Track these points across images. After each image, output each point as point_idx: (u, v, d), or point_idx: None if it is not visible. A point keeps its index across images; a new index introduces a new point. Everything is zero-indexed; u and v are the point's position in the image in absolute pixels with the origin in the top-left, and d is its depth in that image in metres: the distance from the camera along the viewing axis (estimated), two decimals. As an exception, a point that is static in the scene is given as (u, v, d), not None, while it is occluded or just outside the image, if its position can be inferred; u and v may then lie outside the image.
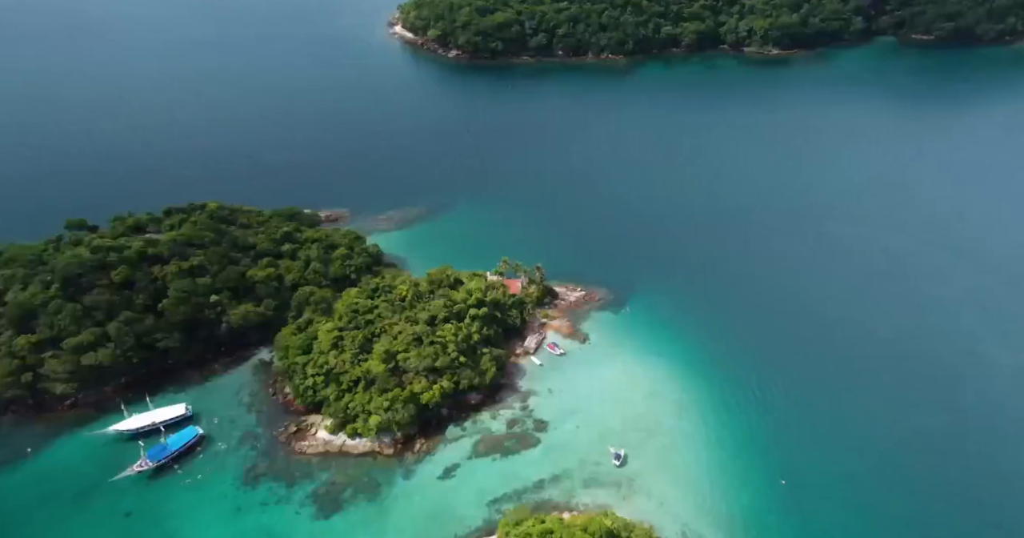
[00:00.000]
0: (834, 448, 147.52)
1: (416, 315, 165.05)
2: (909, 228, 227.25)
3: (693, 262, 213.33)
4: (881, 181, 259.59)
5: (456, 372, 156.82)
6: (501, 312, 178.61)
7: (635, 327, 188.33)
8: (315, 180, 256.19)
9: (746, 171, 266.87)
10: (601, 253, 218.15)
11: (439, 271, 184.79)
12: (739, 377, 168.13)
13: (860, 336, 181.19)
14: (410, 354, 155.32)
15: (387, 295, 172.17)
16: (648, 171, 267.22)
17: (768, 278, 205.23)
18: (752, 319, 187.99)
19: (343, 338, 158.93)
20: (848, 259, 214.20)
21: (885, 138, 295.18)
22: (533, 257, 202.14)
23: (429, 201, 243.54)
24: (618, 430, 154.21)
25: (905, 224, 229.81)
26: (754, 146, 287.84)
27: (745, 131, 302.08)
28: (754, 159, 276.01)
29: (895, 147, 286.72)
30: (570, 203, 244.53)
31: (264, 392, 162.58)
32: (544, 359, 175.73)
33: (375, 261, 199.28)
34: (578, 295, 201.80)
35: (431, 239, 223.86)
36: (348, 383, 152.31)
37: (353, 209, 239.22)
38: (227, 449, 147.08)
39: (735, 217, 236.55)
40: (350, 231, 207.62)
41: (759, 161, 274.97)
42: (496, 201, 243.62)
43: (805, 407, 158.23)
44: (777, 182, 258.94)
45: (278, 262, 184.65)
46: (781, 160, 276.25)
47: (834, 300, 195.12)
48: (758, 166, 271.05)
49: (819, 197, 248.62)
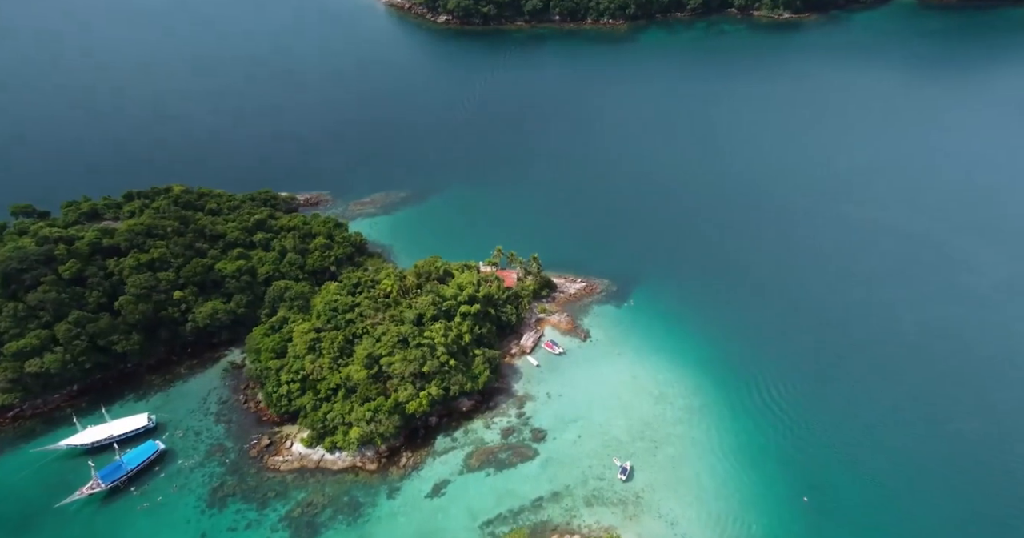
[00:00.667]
0: (861, 459, 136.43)
1: (401, 314, 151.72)
2: (935, 210, 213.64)
3: (702, 249, 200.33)
4: (902, 158, 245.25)
5: (446, 377, 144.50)
6: (495, 308, 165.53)
7: (640, 322, 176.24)
8: (293, 160, 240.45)
9: (756, 147, 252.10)
10: (603, 240, 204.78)
11: (427, 263, 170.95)
12: (754, 377, 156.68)
13: (886, 331, 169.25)
14: (395, 358, 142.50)
15: (370, 291, 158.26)
16: (652, 149, 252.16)
17: (784, 266, 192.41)
18: (766, 312, 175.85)
19: (321, 340, 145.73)
20: (869, 245, 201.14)
21: (905, 110, 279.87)
22: (529, 245, 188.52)
23: (417, 183, 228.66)
24: (623, 440, 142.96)
25: (930, 206, 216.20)
26: (764, 120, 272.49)
27: (754, 103, 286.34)
28: (765, 134, 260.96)
29: (917, 120, 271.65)
30: (568, 185, 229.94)
31: (234, 399, 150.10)
32: (542, 359, 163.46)
33: (357, 251, 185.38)
34: (578, 287, 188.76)
35: (419, 225, 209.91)
36: (326, 391, 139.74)
37: (334, 192, 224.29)
38: (191, 466, 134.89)
39: (746, 199, 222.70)
40: (330, 217, 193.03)
41: (770, 136, 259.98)
42: (489, 183, 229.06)
43: (827, 412, 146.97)
44: (789, 159, 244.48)
45: (250, 253, 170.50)
46: (793, 135, 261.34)
47: (856, 291, 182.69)
48: (769, 142, 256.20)
49: (835, 176, 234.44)
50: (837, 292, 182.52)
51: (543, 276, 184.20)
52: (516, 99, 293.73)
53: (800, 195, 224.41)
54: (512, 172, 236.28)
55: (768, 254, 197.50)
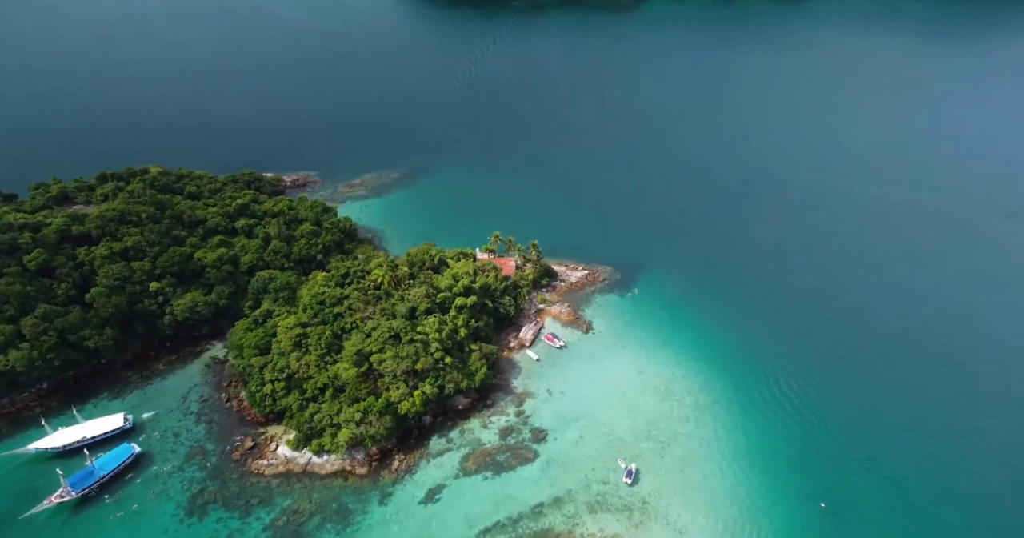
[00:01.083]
0: (881, 459, 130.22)
1: (393, 307, 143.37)
2: (957, 189, 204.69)
3: (711, 233, 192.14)
4: (921, 132, 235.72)
5: (440, 375, 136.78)
6: (492, 300, 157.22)
7: (645, 312, 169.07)
8: (279, 139, 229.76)
9: (768, 123, 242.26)
10: (605, 224, 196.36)
11: (420, 251, 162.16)
12: (766, 371, 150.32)
13: (906, 320, 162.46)
14: (386, 355, 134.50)
15: (359, 282, 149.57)
16: (658, 126, 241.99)
17: (798, 251, 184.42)
18: (779, 301, 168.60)
19: (307, 335, 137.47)
20: (887, 228, 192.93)
21: (924, 81, 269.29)
22: (528, 229, 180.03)
23: (410, 163, 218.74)
24: (628, 440, 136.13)
25: (953, 185, 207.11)
26: (775, 93, 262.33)
27: (765, 75, 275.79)
28: (776, 109, 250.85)
29: (935, 91, 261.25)
30: (569, 165, 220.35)
31: (216, 397, 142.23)
32: (542, 353, 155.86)
33: (347, 237, 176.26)
34: (580, 275, 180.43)
35: (412, 208, 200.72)
36: (313, 391, 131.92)
37: (323, 172, 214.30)
38: (170, 470, 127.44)
39: (758, 178, 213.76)
40: (317, 202, 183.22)
41: (782, 111, 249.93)
42: (485, 163, 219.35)
43: (845, 407, 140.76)
44: (803, 135, 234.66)
45: (231, 241, 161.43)
46: (806, 109, 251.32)
47: (875, 277, 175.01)
48: (781, 116, 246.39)
49: (851, 152, 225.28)
50: (856, 279, 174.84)
51: (543, 264, 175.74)
52: (514, 74, 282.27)
53: (815, 174, 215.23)
54: (510, 152, 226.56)
55: (782, 238, 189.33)
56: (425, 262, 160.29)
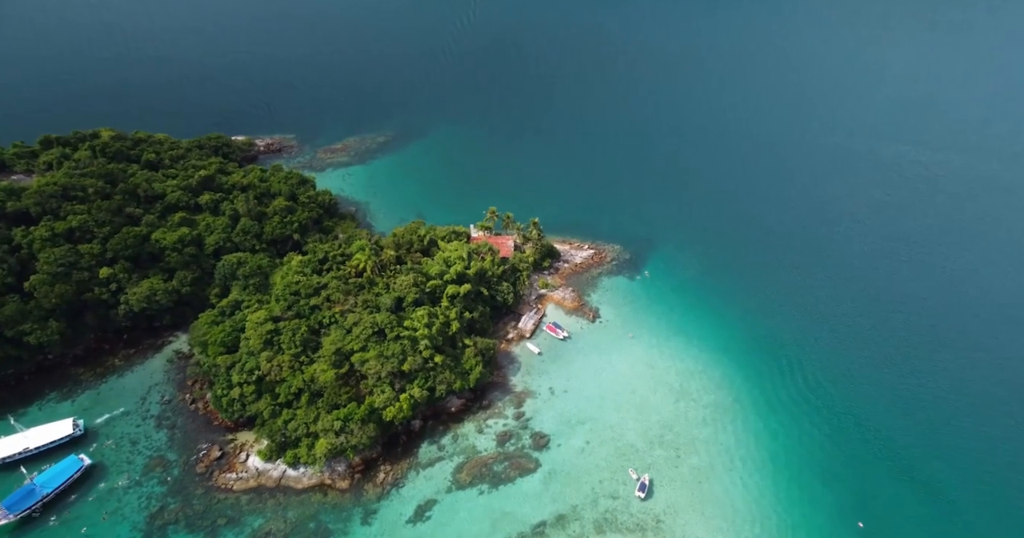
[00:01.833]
0: (925, 468, 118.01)
1: (377, 299, 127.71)
2: (999, 149, 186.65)
3: (728, 205, 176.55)
4: (955, 86, 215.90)
5: (430, 375, 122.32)
6: (488, 286, 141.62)
7: (657, 297, 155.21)
8: (252, 98, 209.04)
9: (787, 79, 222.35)
10: (613, 196, 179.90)
11: (408, 230, 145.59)
12: (793, 365, 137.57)
13: (950, 306, 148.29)
14: (369, 354, 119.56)
15: (339, 268, 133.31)
16: (667, 87, 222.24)
17: (826, 226, 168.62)
18: (806, 284, 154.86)
19: (279, 332, 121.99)
20: (924, 197, 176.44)
21: (963, 26, 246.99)
22: (527, 203, 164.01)
23: (397, 125, 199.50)
24: (640, 447, 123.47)
25: (993, 143, 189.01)
26: (794, 45, 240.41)
27: (785, 24, 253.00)
28: (797, 62, 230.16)
29: (970, 37, 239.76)
30: (573, 130, 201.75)
31: (180, 398, 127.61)
32: (544, 345, 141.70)
33: (326, 212, 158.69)
34: (585, 255, 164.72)
35: (399, 177, 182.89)
36: (287, 395, 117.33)
37: (300, 136, 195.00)
38: (125, 486, 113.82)
39: (779, 141, 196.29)
40: (293, 172, 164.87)
41: (803, 64, 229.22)
42: (481, 126, 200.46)
43: (880, 408, 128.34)
44: (827, 92, 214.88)
45: (195, 219, 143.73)
46: (828, 61, 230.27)
47: (913, 255, 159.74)
48: (802, 71, 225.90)
49: (880, 110, 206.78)
50: (895, 256, 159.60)
51: (545, 243, 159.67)
52: (514, 27, 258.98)
53: (843, 136, 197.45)
54: (508, 114, 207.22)
55: (807, 210, 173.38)
56: (413, 243, 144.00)
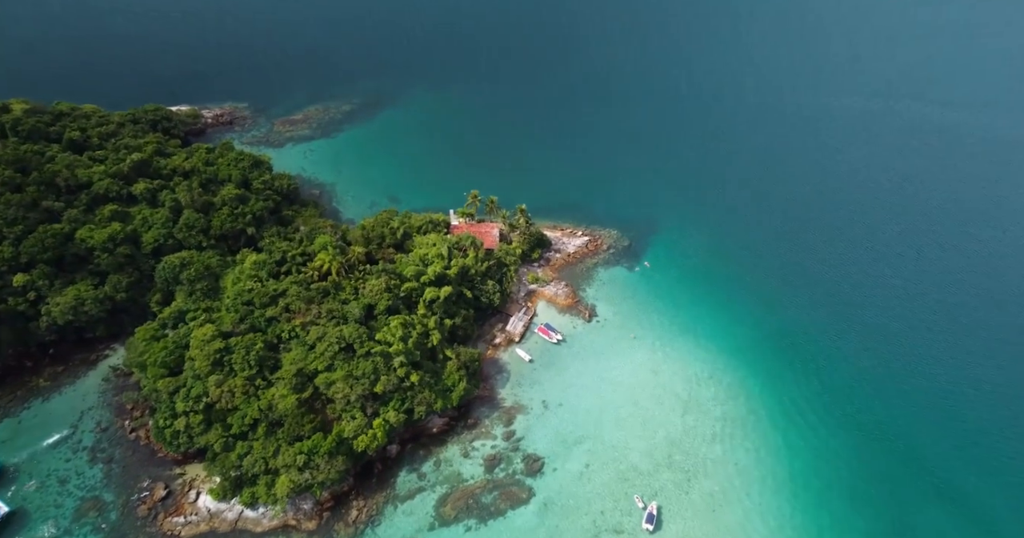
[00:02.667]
0: (971, 490, 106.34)
1: (344, 308, 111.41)
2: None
3: (734, 181, 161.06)
4: (985, 42, 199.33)
5: (407, 396, 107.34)
6: (472, 286, 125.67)
7: (659, 290, 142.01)
8: (198, 62, 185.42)
9: (794, 35, 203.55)
10: (608, 175, 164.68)
11: (379, 221, 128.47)
12: (813, 369, 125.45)
13: (990, 296, 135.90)
14: (336, 375, 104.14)
15: (300, 271, 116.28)
16: (664, 52, 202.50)
17: (847, 204, 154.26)
18: (825, 268, 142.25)
19: (231, 350, 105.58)
20: (956, 168, 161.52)
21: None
22: (513, 183, 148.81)
23: (365, 91, 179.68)
24: (645, 469, 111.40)
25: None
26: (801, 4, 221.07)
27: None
28: (805, 23, 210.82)
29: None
30: (564, 100, 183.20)
31: (118, 425, 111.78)
32: (535, 351, 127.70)
33: (286, 199, 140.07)
34: (579, 243, 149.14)
35: (368, 152, 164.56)
36: (241, 425, 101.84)
37: (255, 105, 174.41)
38: (53, 535, 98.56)
39: (788, 105, 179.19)
40: (244, 154, 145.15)
41: (810, 24, 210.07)
42: (459, 93, 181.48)
43: (914, 418, 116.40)
44: (839, 46, 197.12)
45: (128, 211, 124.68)
46: (847, 21, 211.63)
47: (948, 237, 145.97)
48: (809, 31, 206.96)
49: (902, 69, 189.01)
50: (924, 236, 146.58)
51: (534, 231, 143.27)
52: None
53: (859, 95, 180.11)
54: (490, 80, 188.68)
55: (825, 185, 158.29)
56: (385, 237, 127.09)
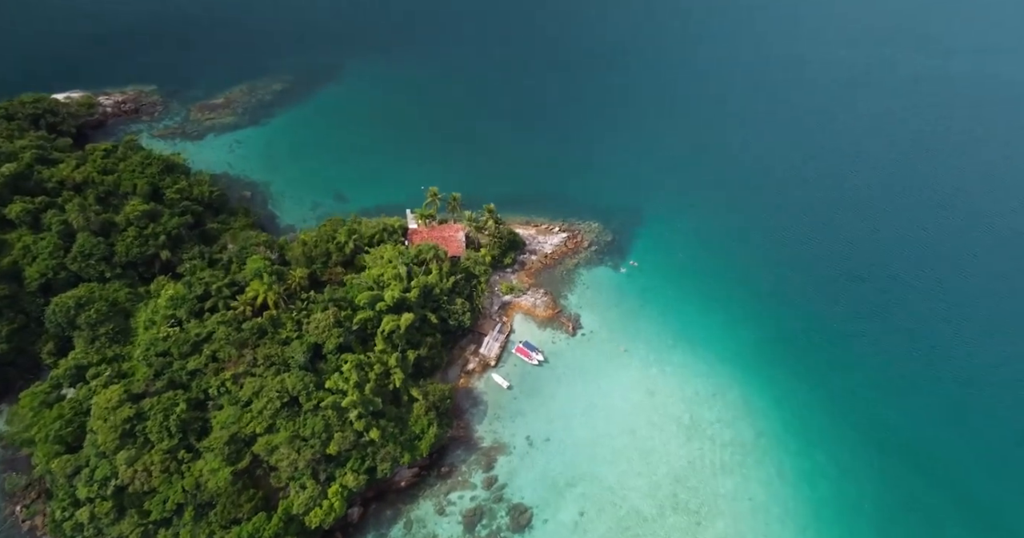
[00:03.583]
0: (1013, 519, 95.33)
1: (285, 350, 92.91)
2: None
3: (724, 158, 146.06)
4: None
5: (367, 455, 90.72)
6: (437, 307, 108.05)
7: (649, 293, 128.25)
8: (90, 35, 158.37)
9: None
10: (585, 159, 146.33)
11: (322, 235, 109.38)
12: (826, 378, 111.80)
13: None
14: (278, 437, 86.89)
15: (229, 306, 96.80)
16: (645, 17, 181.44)
17: (860, 183, 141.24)
18: (834, 257, 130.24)
19: (144, 416, 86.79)
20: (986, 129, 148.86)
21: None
22: (478, 173, 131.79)
23: (297, 66, 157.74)
24: (649, 513, 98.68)
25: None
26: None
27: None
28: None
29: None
30: (529, 70, 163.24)
31: (7, 513, 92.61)
32: (514, 376, 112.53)
33: (210, 208, 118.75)
34: (556, 241, 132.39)
35: (306, 141, 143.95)
36: (162, 511, 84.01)
37: (165, 88, 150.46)
38: None
39: (786, 77, 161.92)
40: (154, 155, 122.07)
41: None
42: (409, 65, 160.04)
43: (949, 438, 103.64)
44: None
45: (4, 240, 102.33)
46: None
47: (982, 218, 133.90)
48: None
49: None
50: (952, 221, 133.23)
51: (504, 231, 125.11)
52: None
53: (862, 47, 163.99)
54: (442, 49, 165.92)
55: (828, 157, 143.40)
56: (331, 254, 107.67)
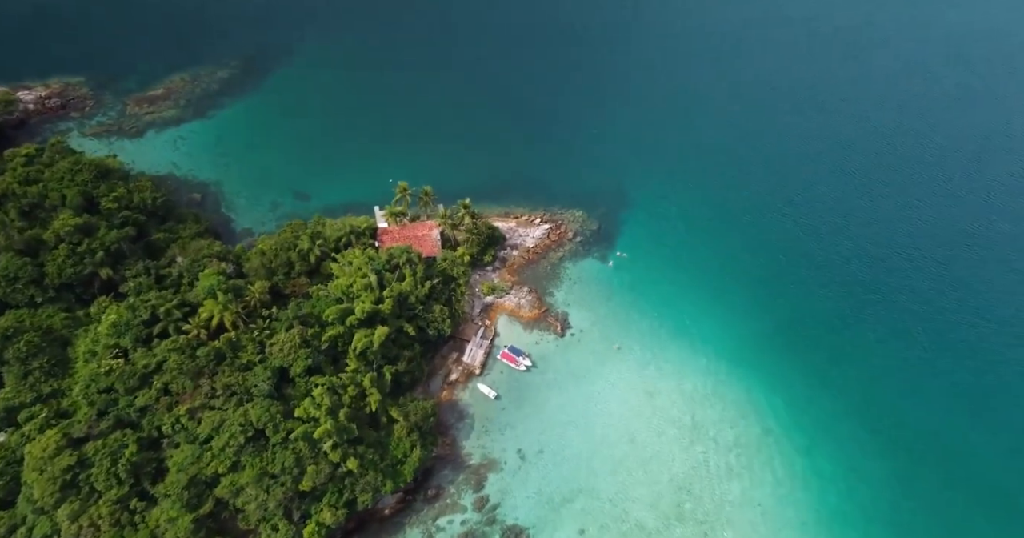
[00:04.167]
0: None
1: (246, 378, 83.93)
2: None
3: (718, 142, 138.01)
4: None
5: (344, 487, 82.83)
6: (414, 316, 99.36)
7: (640, 285, 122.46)
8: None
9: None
10: (562, 141, 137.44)
11: (283, 243, 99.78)
12: (833, 370, 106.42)
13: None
14: (244, 476, 78.70)
15: (180, 329, 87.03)
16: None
17: (858, 136, 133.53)
18: (839, 234, 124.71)
19: (87, 462, 77.51)
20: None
21: None
22: (451, 161, 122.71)
23: (244, 49, 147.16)
24: (653, 526, 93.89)
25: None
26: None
27: None
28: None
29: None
30: (499, 45, 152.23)
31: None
32: (501, 384, 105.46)
33: (155, 216, 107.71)
34: (539, 233, 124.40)
35: (259, 135, 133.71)
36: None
37: (95, 79, 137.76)
38: None
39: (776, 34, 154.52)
40: (85, 160, 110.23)
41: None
42: (367, 43, 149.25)
43: (967, 421, 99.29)
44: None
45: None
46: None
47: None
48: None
49: None
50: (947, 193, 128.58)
51: (481, 225, 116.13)
52: None
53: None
54: (404, 22, 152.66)
55: (825, 132, 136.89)
56: (294, 263, 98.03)
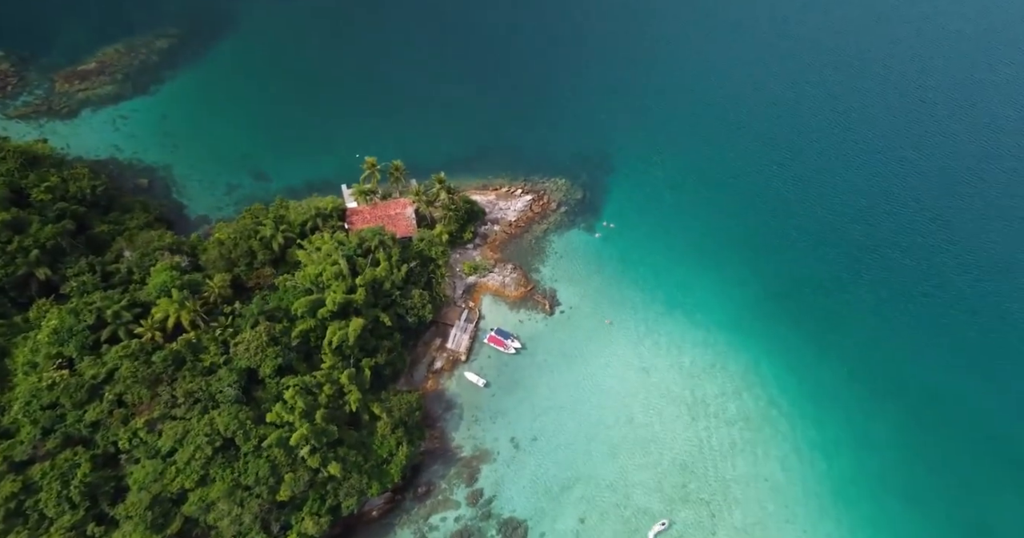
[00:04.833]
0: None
1: (210, 382, 76.99)
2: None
3: (703, 100, 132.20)
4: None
5: (326, 493, 77.17)
6: (391, 303, 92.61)
7: (630, 255, 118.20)
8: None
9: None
10: (539, 102, 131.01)
11: (242, 230, 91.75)
12: (836, 334, 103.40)
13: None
14: (215, 490, 72.59)
15: (131, 332, 79.39)
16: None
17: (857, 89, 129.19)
18: (830, 201, 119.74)
19: (34, 487, 70.63)
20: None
21: None
22: (419, 131, 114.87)
23: (182, 13, 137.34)
24: (657, 510, 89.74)
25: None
26: None
27: None
28: None
29: None
30: (471, 5, 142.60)
31: None
32: (489, 369, 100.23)
33: (97, 206, 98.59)
34: (521, 205, 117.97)
35: (207, 110, 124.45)
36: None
37: (16, 53, 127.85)
38: None
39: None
40: (10, 146, 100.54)
41: None
42: (323, 7, 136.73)
43: (973, 382, 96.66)
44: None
45: None
46: None
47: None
48: None
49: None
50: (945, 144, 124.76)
51: (458, 200, 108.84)
52: None
53: None
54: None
55: (823, 85, 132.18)
56: (256, 252, 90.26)
